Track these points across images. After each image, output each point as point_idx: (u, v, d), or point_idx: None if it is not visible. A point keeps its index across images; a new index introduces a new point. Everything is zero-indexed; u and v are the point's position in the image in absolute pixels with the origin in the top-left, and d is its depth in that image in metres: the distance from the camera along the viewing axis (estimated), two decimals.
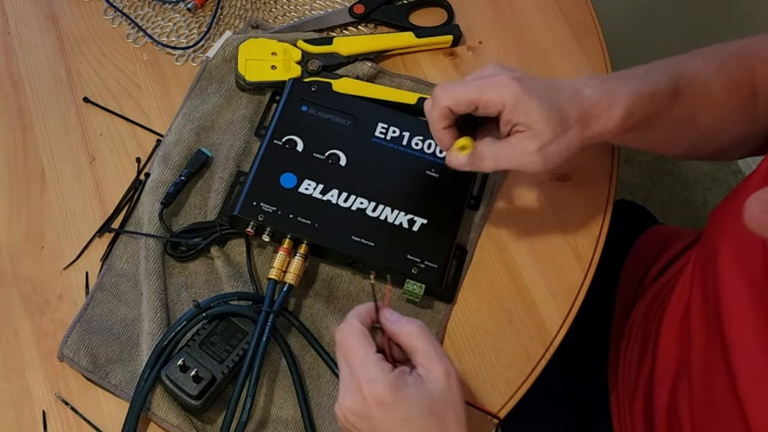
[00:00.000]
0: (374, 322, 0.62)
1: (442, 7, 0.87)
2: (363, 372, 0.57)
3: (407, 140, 0.75)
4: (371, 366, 0.57)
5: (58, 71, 0.82)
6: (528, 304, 0.73)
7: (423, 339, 0.59)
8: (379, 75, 0.83)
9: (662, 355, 0.76)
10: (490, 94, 0.62)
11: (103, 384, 0.68)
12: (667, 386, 0.74)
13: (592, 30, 0.87)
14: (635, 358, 0.81)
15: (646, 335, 0.80)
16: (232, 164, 0.76)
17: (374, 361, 0.57)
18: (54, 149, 0.78)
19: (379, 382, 0.56)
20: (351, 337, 0.59)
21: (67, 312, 0.71)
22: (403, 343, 0.60)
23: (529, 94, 0.62)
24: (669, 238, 0.90)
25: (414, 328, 0.60)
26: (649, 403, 0.77)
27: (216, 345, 0.66)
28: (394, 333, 0.61)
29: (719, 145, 0.74)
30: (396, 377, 0.57)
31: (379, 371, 0.57)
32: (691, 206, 1.67)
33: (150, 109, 0.81)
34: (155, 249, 0.72)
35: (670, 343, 0.75)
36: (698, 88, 0.69)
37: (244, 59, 0.79)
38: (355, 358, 0.58)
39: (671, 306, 0.76)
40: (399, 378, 0.57)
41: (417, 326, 0.60)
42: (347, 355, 0.59)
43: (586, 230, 0.77)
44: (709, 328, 0.67)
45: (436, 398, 0.57)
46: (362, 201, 0.72)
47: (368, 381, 0.56)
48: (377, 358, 0.58)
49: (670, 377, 0.74)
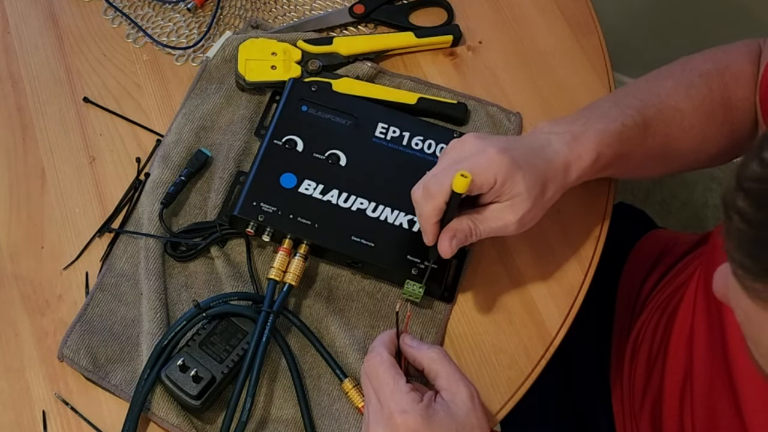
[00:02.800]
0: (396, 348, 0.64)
1: (442, 7, 0.87)
2: (395, 404, 0.59)
3: (407, 140, 0.75)
4: (403, 397, 0.59)
5: (58, 71, 0.82)
6: (528, 304, 0.73)
7: (445, 363, 0.62)
8: (379, 75, 0.83)
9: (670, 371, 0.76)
10: (483, 176, 0.60)
11: (103, 384, 0.68)
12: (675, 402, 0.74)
13: (592, 30, 0.87)
14: (642, 371, 0.81)
15: (653, 349, 0.80)
16: (232, 164, 0.76)
17: (405, 392, 0.59)
18: (54, 149, 0.78)
19: (411, 412, 0.58)
20: (381, 367, 0.61)
21: (67, 312, 0.71)
22: (425, 367, 0.63)
23: (517, 166, 0.61)
24: (668, 244, 0.90)
25: (435, 354, 0.62)
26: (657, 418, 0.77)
27: (216, 345, 0.66)
28: (415, 358, 0.63)
29: (703, 161, 0.74)
30: (426, 406, 0.59)
31: (411, 402, 0.59)
32: (691, 206, 1.67)
33: (150, 109, 0.81)
34: (155, 249, 0.72)
35: (678, 359, 0.74)
36: (669, 116, 0.69)
37: (244, 59, 0.79)
38: (387, 390, 0.60)
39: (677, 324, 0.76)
40: (429, 406, 0.59)
41: (437, 351, 0.62)
42: (377, 388, 0.60)
43: (586, 230, 0.77)
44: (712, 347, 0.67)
45: (462, 421, 0.59)
46: (362, 201, 0.72)
47: (401, 412, 0.58)
48: (408, 388, 0.60)
49: (678, 392, 0.73)
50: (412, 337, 0.64)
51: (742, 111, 0.71)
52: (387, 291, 0.73)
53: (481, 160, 0.61)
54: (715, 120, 0.70)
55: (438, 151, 0.75)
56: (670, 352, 0.76)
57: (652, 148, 0.68)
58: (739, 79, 0.71)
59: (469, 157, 0.62)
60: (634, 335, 0.84)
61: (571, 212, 0.77)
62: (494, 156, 0.60)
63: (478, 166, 0.60)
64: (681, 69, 0.73)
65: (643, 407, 0.79)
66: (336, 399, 0.68)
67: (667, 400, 0.75)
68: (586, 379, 0.87)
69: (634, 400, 0.81)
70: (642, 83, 0.72)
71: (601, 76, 0.84)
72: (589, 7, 0.88)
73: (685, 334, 0.73)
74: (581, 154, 0.64)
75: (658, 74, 0.73)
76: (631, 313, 0.88)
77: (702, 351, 0.69)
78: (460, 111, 0.80)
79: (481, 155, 0.61)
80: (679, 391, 0.73)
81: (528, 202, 0.62)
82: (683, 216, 1.65)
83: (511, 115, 0.81)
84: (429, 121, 0.78)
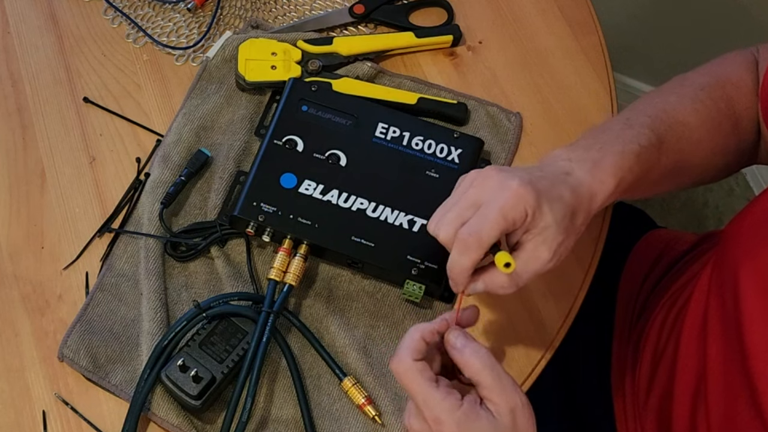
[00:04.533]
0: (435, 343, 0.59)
1: (442, 7, 0.87)
2: (429, 412, 0.55)
3: (407, 140, 0.75)
4: (437, 405, 0.55)
5: (58, 71, 0.82)
6: (528, 304, 0.73)
7: (488, 373, 0.56)
8: (379, 75, 0.83)
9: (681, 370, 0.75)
10: (514, 213, 0.57)
11: (103, 384, 0.68)
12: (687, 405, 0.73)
13: (592, 30, 0.87)
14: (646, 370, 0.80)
15: (658, 349, 0.79)
16: (232, 164, 0.76)
17: (439, 400, 0.55)
18: (54, 149, 0.78)
19: (448, 422, 0.54)
20: (405, 377, 0.56)
21: (67, 312, 0.71)
22: (467, 374, 0.57)
23: (544, 198, 0.58)
24: (668, 243, 0.90)
25: (480, 363, 0.56)
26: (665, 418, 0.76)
27: (216, 345, 0.66)
28: (459, 362, 0.58)
29: (712, 174, 0.74)
30: (465, 414, 0.55)
31: (446, 411, 0.55)
32: (691, 206, 1.67)
33: (150, 109, 0.81)
34: (155, 249, 0.72)
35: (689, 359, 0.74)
36: (679, 131, 0.68)
37: (244, 59, 0.79)
38: (419, 399, 0.56)
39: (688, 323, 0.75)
40: (468, 415, 0.55)
41: (482, 359, 0.56)
42: (410, 396, 0.57)
43: (586, 230, 0.76)
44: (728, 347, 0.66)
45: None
46: (362, 201, 0.72)
47: (435, 420, 0.55)
48: (442, 395, 0.55)
49: (689, 395, 0.73)
50: (458, 334, 0.58)
51: (747, 121, 0.71)
52: (387, 291, 0.73)
53: (507, 196, 0.57)
54: (723, 131, 0.70)
55: (438, 152, 0.75)
56: (681, 351, 0.75)
57: (666, 165, 0.67)
58: (740, 89, 0.71)
59: (494, 196, 0.58)
60: (637, 335, 0.84)
61: None
62: (519, 189, 0.57)
63: (507, 203, 0.57)
64: (681, 84, 0.72)
65: (647, 407, 0.79)
66: (336, 399, 0.68)
67: (677, 399, 0.75)
68: (586, 379, 0.87)
69: (638, 400, 0.81)
70: (647, 101, 0.71)
71: (601, 76, 0.84)
72: (589, 7, 0.88)
73: (696, 332, 0.73)
74: (603, 180, 0.62)
75: (660, 92, 0.72)
76: (631, 313, 0.88)
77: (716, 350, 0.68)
78: (460, 111, 0.80)
79: (505, 191, 0.58)
80: (692, 390, 0.72)
81: (560, 234, 0.59)
82: (683, 216, 1.65)
83: (511, 115, 0.81)
84: (429, 121, 0.78)
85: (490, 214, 0.57)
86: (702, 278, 0.75)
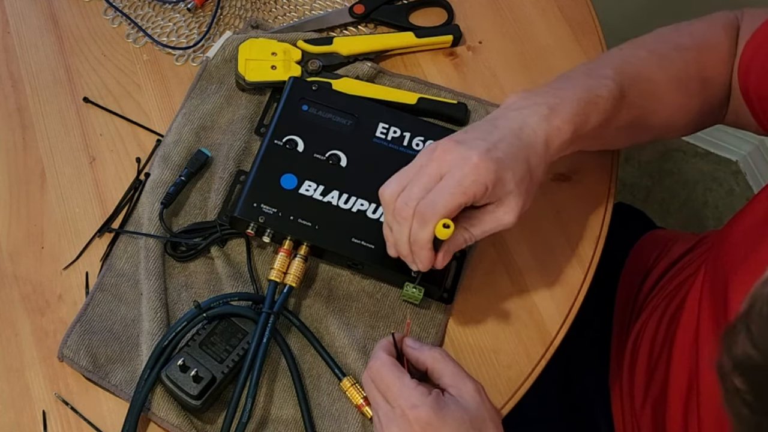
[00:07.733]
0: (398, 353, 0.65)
1: (442, 7, 0.87)
2: (404, 400, 0.59)
3: (408, 141, 0.75)
4: (411, 392, 0.59)
5: (58, 71, 0.82)
6: (528, 304, 0.73)
7: (448, 362, 0.62)
8: (379, 75, 0.83)
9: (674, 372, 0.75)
10: (474, 189, 0.58)
11: (103, 384, 0.68)
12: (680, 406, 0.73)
13: (592, 30, 0.87)
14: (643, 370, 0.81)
15: (654, 349, 0.80)
16: (232, 164, 0.76)
17: (413, 387, 0.59)
18: (54, 149, 0.78)
19: (422, 405, 0.58)
20: (383, 369, 0.61)
21: (67, 312, 0.71)
22: (429, 367, 0.63)
23: (504, 167, 0.58)
24: (667, 243, 0.90)
25: (438, 353, 0.63)
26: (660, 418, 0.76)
27: (216, 345, 0.66)
28: (418, 359, 0.63)
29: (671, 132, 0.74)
30: (435, 399, 0.59)
31: (420, 396, 0.59)
32: (691, 206, 1.67)
33: (150, 109, 0.81)
34: (155, 249, 0.72)
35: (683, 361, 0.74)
36: (643, 87, 0.67)
37: (244, 59, 0.79)
38: (394, 389, 0.60)
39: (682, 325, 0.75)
40: (438, 399, 0.59)
41: (440, 351, 0.63)
42: (384, 390, 0.61)
43: (586, 230, 0.77)
44: None
45: (474, 414, 0.59)
46: (363, 203, 0.72)
47: (412, 407, 0.58)
48: (414, 384, 0.60)
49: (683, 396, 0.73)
50: (413, 340, 0.65)
51: (716, 85, 0.70)
52: (387, 291, 0.73)
53: (466, 171, 0.58)
54: (688, 92, 0.70)
55: None
56: (675, 353, 0.75)
57: (626, 119, 0.66)
58: (715, 53, 0.70)
59: (453, 169, 0.59)
60: (634, 335, 0.84)
61: (571, 212, 0.77)
62: (479, 164, 0.58)
63: (466, 178, 0.58)
64: (655, 40, 0.71)
65: (644, 407, 0.79)
66: (336, 399, 0.68)
67: (670, 401, 0.75)
68: (586, 380, 0.87)
69: (635, 400, 0.81)
70: (615, 53, 0.70)
71: None
72: (589, 7, 0.88)
73: (690, 335, 0.73)
74: (560, 127, 0.61)
75: (632, 45, 0.71)
76: (630, 313, 0.88)
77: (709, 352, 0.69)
78: (460, 111, 0.80)
79: (464, 165, 0.58)
80: (684, 392, 0.73)
81: (520, 198, 0.60)
82: (683, 216, 1.65)
83: None
84: (429, 121, 0.78)
85: (450, 189, 0.58)
86: (696, 281, 0.75)
